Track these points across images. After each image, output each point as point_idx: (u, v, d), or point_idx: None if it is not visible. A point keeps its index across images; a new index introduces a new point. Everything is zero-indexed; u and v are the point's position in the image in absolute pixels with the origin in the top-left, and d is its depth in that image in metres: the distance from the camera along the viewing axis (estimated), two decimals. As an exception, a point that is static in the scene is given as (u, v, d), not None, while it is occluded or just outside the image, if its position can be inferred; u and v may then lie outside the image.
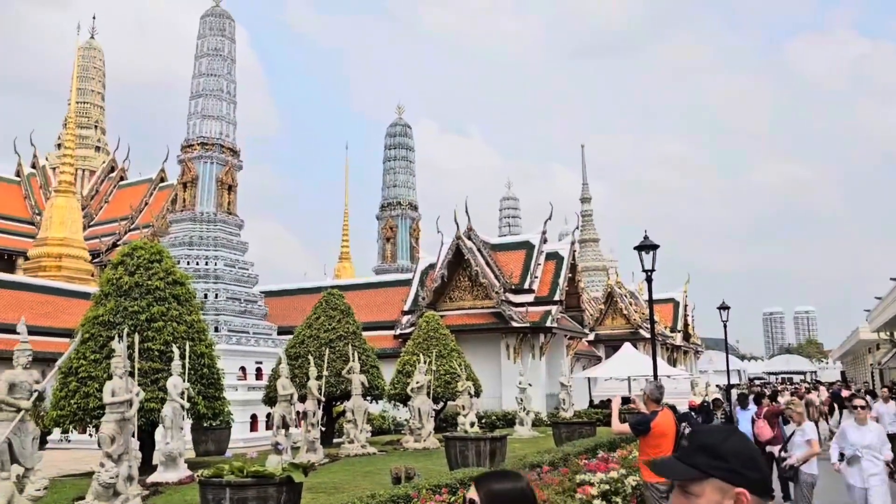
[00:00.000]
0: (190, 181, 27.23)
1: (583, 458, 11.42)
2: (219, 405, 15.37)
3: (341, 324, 21.09)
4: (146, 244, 15.32)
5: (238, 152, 28.14)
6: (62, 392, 13.64)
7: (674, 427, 7.32)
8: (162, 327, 14.20)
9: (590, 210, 59.21)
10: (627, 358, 31.50)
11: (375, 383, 20.84)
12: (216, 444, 19.04)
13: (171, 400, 13.03)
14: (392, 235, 47.16)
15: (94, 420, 13.33)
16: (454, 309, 31.41)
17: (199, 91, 27.80)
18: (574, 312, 34.76)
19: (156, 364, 13.81)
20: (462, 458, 11.65)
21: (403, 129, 49.31)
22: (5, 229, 47.15)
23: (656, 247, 14.86)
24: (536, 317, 30.05)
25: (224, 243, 26.69)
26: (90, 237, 46.04)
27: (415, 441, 19.13)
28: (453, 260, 31.72)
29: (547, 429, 24.77)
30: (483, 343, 30.26)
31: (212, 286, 25.44)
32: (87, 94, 54.09)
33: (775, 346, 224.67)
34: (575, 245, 34.59)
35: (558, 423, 18.22)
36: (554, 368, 31.67)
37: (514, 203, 59.31)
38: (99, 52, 56.09)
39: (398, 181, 48.07)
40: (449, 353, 23.60)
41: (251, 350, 25.15)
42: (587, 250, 56.47)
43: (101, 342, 13.77)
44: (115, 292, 14.40)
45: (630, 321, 42.30)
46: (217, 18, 28.61)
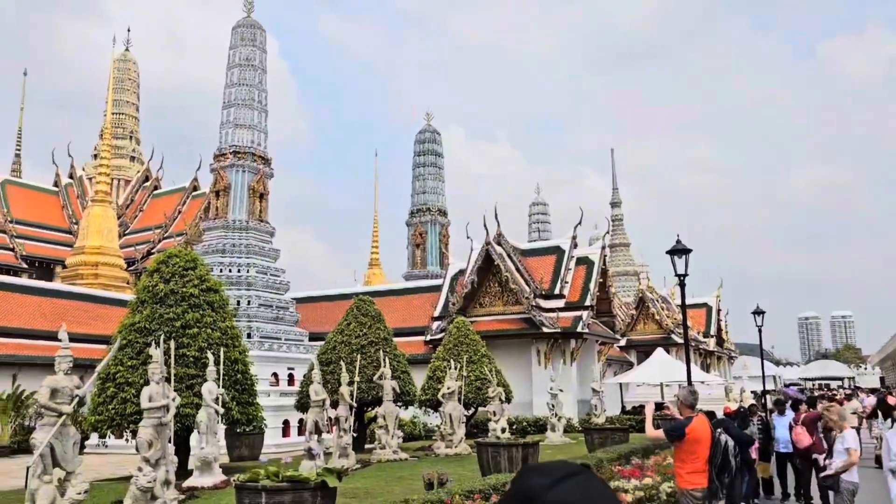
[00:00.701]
0: (222, 189, 27.60)
1: (616, 464, 11.32)
2: (252, 411, 15.53)
3: (372, 330, 21.18)
4: (181, 252, 15.56)
5: (269, 160, 28.46)
6: (100, 397, 13.90)
7: (709, 433, 7.22)
8: (196, 334, 14.40)
9: (620, 214, 58.81)
10: (660, 363, 31.13)
11: (406, 389, 20.88)
12: (250, 449, 19.24)
13: (206, 405, 13.20)
14: (421, 241, 47.28)
15: (131, 425, 13.55)
16: (484, 315, 31.37)
17: (231, 101, 28.19)
18: (605, 318, 34.49)
19: (191, 370, 14.00)
20: (494, 464, 11.62)
21: (432, 136, 49.46)
22: (44, 238, 48.22)
23: (689, 251, 14.69)
24: (567, 322, 29.88)
25: (256, 250, 26.99)
26: (125, 245, 46.88)
27: (446, 447, 19.11)
28: (483, 265, 31.69)
29: (579, 435, 24.59)
30: (513, 349, 30.16)
31: (244, 293, 25.73)
32: (123, 105, 55.16)
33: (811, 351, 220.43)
34: (605, 250, 34.34)
35: (590, 429, 18.08)
36: (585, 374, 31.44)
37: (544, 208, 59.10)
38: (134, 63, 57.21)
39: (427, 187, 48.20)
40: (479, 358, 23.56)
41: (283, 356, 25.37)
42: (618, 255, 56.05)
43: (137, 348, 14.02)
44: (151, 299, 14.64)
45: (662, 326, 41.86)
46: (248, 29, 29.02)
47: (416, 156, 49.20)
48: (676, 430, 7.13)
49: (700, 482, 6.80)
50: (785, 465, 12.91)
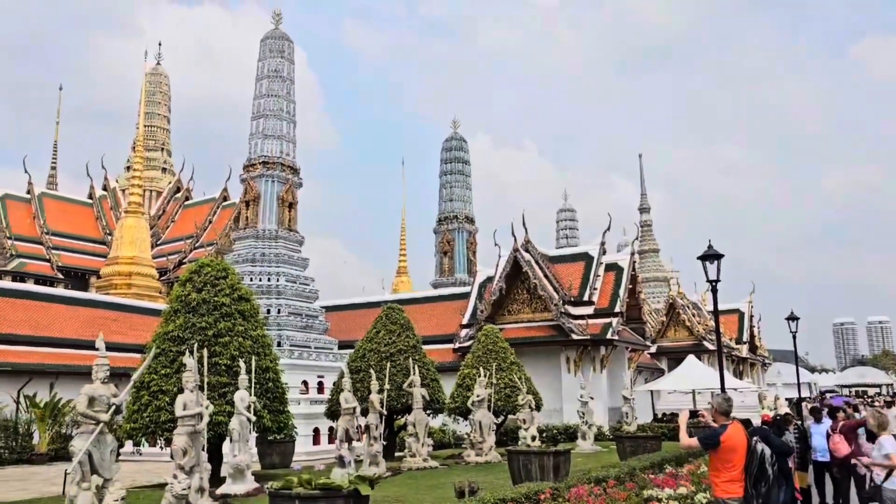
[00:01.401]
0: (252, 199, 27.93)
1: (649, 472, 11.19)
2: (283, 419, 15.64)
3: (401, 338, 21.23)
4: (213, 262, 15.76)
5: (298, 170, 28.74)
6: (135, 405, 14.10)
7: (745, 442, 7.09)
8: (228, 342, 14.56)
9: (649, 220, 58.29)
10: (691, 370, 30.76)
11: (436, 397, 20.88)
12: (281, 457, 19.37)
13: (239, 413, 13.32)
14: (449, 249, 47.33)
15: (165, 433, 13.73)
16: (513, 322, 31.28)
17: (260, 111, 28.55)
18: (635, 324, 34.18)
19: (223, 378, 14.15)
20: (525, 473, 11.56)
21: (459, 143, 49.56)
22: (79, 249, 49.18)
23: (721, 256, 14.51)
24: (597, 329, 29.67)
25: (286, 259, 27.24)
26: (158, 255, 47.64)
27: (476, 455, 19.07)
28: (511, 273, 31.61)
29: (610, 443, 24.36)
30: (543, 356, 30.01)
31: (274, 301, 25.97)
32: (154, 117, 56.17)
33: (847, 357, 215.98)
34: (634, 256, 34.06)
35: (622, 438, 17.91)
36: (615, 381, 31.15)
37: (572, 215, 58.83)
38: (165, 77, 58.24)
39: (454, 195, 48.27)
40: (508, 366, 23.48)
41: (313, 364, 25.53)
42: (647, 261, 55.54)
43: (171, 357, 14.21)
44: (184, 309, 14.84)
45: (693, 333, 41.36)
46: (276, 41, 29.39)
47: (443, 163, 49.33)
48: (711, 438, 7.02)
49: (736, 492, 6.68)
50: (822, 474, 12.65)
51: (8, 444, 22.53)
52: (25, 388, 24.55)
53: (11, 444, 22.61)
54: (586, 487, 9.36)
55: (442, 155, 49.60)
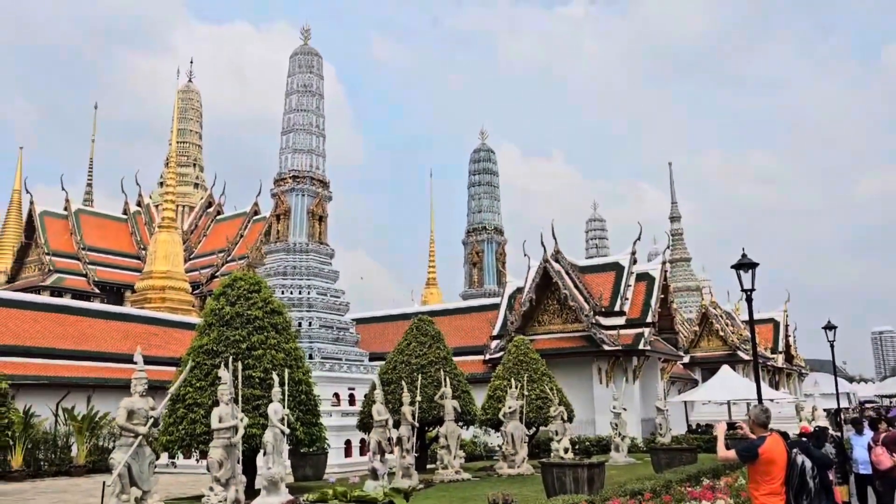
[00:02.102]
0: (283, 213, 28.22)
1: (686, 485, 11.03)
2: (316, 431, 15.71)
3: (432, 349, 21.23)
4: (245, 275, 15.93)
5: (327, 184, 28.99)
6: (171, 418, 14.26)
7: (784, 454, 6.96)
8: (262, 355, 14.68)
9: (680, 229, 57.71)
10: (726, 381, 30.28)
11: (467, 408, 20.82)
12: (314, 469, 19.45)
13: (272, 426, 13.40)
14: (478, 260, 47.30)
15: (201, 445, 13.86)
16: (543, 333, 31.11)
17: (290, 126, 28.88)
18: (667, 335, 33.79)
19: (256, 391, 14.26)
20: (559, 485, 11.46)
21: (487, 154, 49.60)
22: (114, 264, 50.09)
23: (755, 265, 14.32)
24: (628, 339, 29.38)
25: (316, 272, 27.44)
26: (190, 269, 48.33)
27: (508, 467, 18.95)
28: (541, 283, 31.48)
29: (644, 455, 24.06)
30: (574, 367, 29.79)
31: (305, 314, 26.15)
32: (186, 133, 57.13)
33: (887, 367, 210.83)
34: (666, 265, 33.72)
35: (657, 449, 17.68)
36: (648, 392, 30.79)
37: (601, 224, 58.46)
38: (196, 94, 59.26)
39: (483, 206, 48.27)
40: (540, 377, 23.35)
41: (344, 376, 25.62)
42: (678, 270, 54.94)
43: (205, 370, 14.36)
44: (218, 322, 15.01)
45: (727, 343, 40.75)
46: (305, 56, 29.76)
47: (471, 175, 49.39)
48: (749, 450, 6.91)
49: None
50: (865, 487, 12.35)
51: (47, 457, 22.91)
52: (64, 401, 24.99)
53: (51, 457, 23.00)
54: (622, 500, 9.26)
55: (470, 166, 49.68)
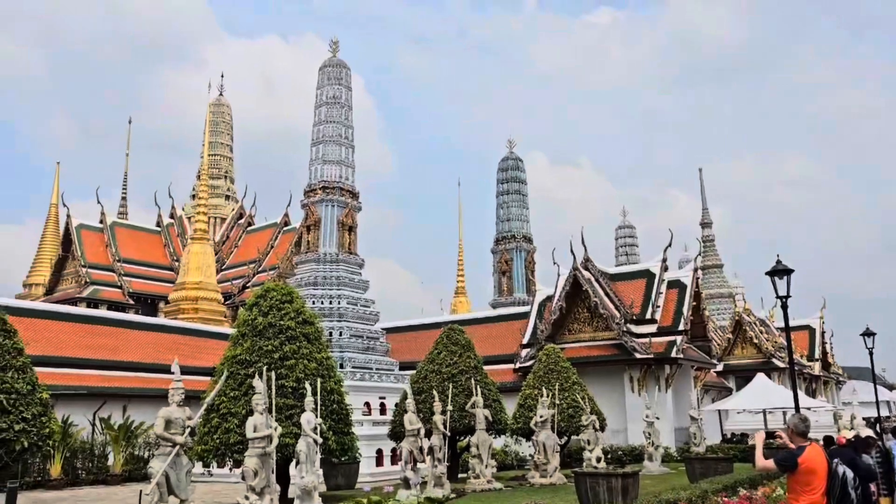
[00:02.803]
0: (313, 224, 28.47)
1: (722, 495, 10.86)
2: (348, 440, 15.76)
3: (462, 358, 21.22)
4: (278, 286, 16.09)
5: (357, 194, 29.20)
6: (205, 428, 14.41)
7: (825, 464, 6.83)
8: (294, 365, 14.80)
9: (711, 235, 57.03)
10: (761, 389, 29.80)
11: (498, 417, 20.76)
12: (346, 478, 19.52)
13: (305, 435, 13.49)
14: (507, 269, 47.21)
15: (235, 455, 14.00)
16: (573, 341, 30.93)
17: (319, 138, 29.17)
18: (700, 342, 33.37)
19: (289, 400, 14.37)
20: (593, 495, 11.37)
21: (515, 163, 49.55)
22: (148, 276, 50.94)
23: (790, 271, 14.11)
24: (660, 347, 29.07)
25: (346, 282, 27.60)
26: (222, 280, 48.95)
27: (540, 476, 18.85)
28: (571, 291, 31.31)
29: (678, 464, 23.75)
30: (605, 375, 29.55)
31: (336, 324, 26.30)
32: (218, 146, 57.99)
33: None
34: (698, 272, 33.35)
35: (692, 459, 17.45)
36: (681, 401, 30.41)
37: (631, 231, 57.97)
38: (227, 107, 60.17)
39: (511, 214, 48.20)
40: (571, 386, 23.20)
41: (374, 386, 25.70)
42: (711, 277, 54.25)
43: (239, 380, 14.51)
44: (251, 332, 15.17)
45: (761, 350, 40.10)
46: (334, 68, 30.06)
47: (499, 183, 49.37)
48: (788, 460, 6.79)
49: (817, 515, 6.43)
50: (908, 497, 12.04)
51: (84, 465, 23.32)
52: (100, 410, 25.44)
53: (88, 465, 23.40)
54: (657, 510, 9.16)
55: (498, 175, 49.66)
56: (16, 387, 10.37)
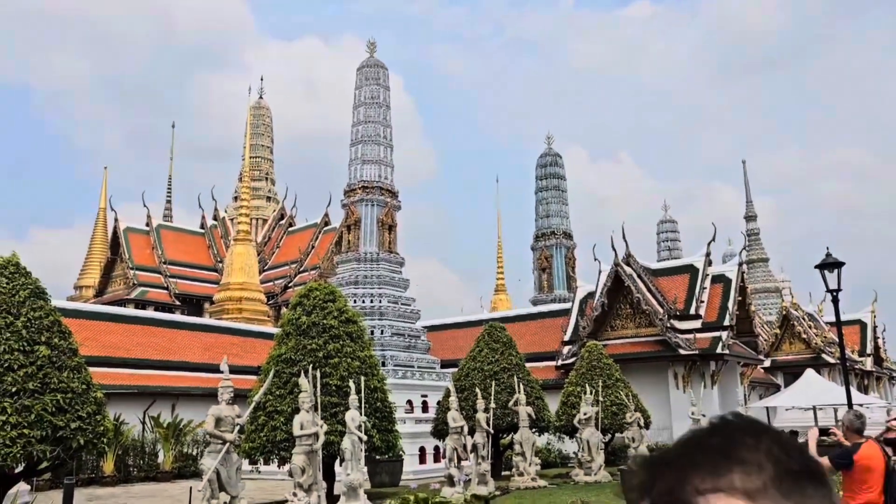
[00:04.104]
0: (353, 223, 28.70)
1: (773, 494, 10.64)
2: (392, 438, 15.87)
3: (504, 356, 21.19)
4: (321, 285, 16.28)
5: (396, 193, 29.34)
6: (252, 425, 14.66)
7: (882, 461, 6.65)
8: (338, 363, 14.95)
9: (756, 228, 55.89)
10: (810, 385, 29.09)
11: (541, 415, 20.68)
12: (390, 476, 19.66)
13: (350, 433, 13.63)
14: (547, 265, 46.93)
15: (281, 452, 14.21)
16: (616, 338, 30.63)
17: (358, 138, 29.38)
18: (746, 338, 32.74)
19: (333, 398, 14.53)
20: (639, 493, 11.23)
21: (554, 159, 49.21)
22: (194, 277, 51.91)
23: (841, 264, 13.75)
24: (705, 343, 28.61)
25: (387, 281, 27.77)
26: (265, 280, 49.62)
27: (585, 474, 18.73)
28: (612, 287, 31.01)
29: (725, 462, 23.33)
30: (649, 372, 29.19)
31: (377, 323, 26.48)
32: (258, 149, 58.79)
33: None
34: (743, 266, 32.72)
35: (739, 457, 17.09)
36: (728, 398, 29.90)
37: (673, 226, 57.10)
38: (267, 109, 60.97)
39: (551, 211, 47.88)
40: (614, 383, 22.99)
41: (416, 384, 25.81)
42: (756, 271, 53.18)
43: (284, 378, 14.72)
44: (295, 331, 15.37)
45: (810, 345, 39.16)
46: (372, 69, 30.25)
47: (538, 179, 49.08)
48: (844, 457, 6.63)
49: (875, 514, 6.27)
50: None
51: (136, 463, 23.89)
52: (150, 409, 26.04)
53: (139, 463, 23.97)
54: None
55: (537, 171, 49.37)
56: (71, 386, 10.67)
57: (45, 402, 10.22)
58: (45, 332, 10.88)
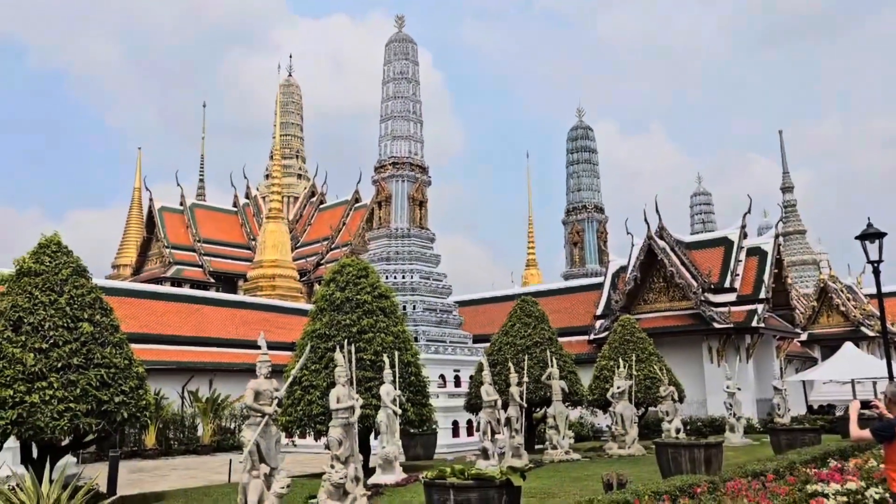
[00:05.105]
0: (384, 199, 28.78)
1: (811, 466, 10.55)
2: (426, 412, 16.02)
3: (537, 330, 21.20)
4: (353, 262, 16.38)
5: (426, 169, 29.31)
6: (288, 400, 14.90)
7: (926, 433, 6.53)
8: (372, 338, 15.09)
9: (793, 200, 54.80)
10: (849, 359, 28.61)
11: (574, 389, 20.70)
12: (424, 449, 19.89)
13: (385, 406, 13.80)
14: (579, 240, 46.65)
15: (317, 425, 14.44)
16: (649, 311, 30.42)
17: (388, 114, 29.34)
18: (783, 311, 32.30)
19: (368, 373, 14.69)
20: (675, 466, 11.22)
21: (585, 132, 48.67)
22: (228, 255, 52.63)
23: (882, 235, 13.46)
24: (740, 317, 28.29)
25: (418, 256, 27.86)
26: (297, 257, 50.12)
27: (618, 447, 18.75)
28: (645, 261, 30.74)
29: (760, 436, 23.22)
30: (683, 346, 28.99)
31: (409, 298, 26.62)
32: (289, 126, 59.04)
33: None
34: (779, 238, 32.17)
35: (777, 430, 16.98)
36: (763, 372, 29.60)
37: (707, 198, 56.22)
38: (296, 87, 61.10)
39: (582, 184, 47.47)
40: (647, 357, 22.89)
41: (449, 358, 25.98)
42: (793, 243, 52.24)
43: (319, 353, 14.91)
44: (329, 307, 15.52)
45: (849, 318, 38.48)
46: (400, 44, 30.09)
47: (569, 153, 48.63)
48: (886, 429, 6.53)
49: (918, 486, 6.18)
50: None
51: (176, 436, 24.51)
52: (188, 384, 26.61)
53: (179, 436, 24.58)
54: (744, 481, 8.97)
55: (568, 144, 48.91)
56: (114, 361, 10.93)
57: (89, 377, 10.49)
58: (87, 308, 11.14)
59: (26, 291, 10.84)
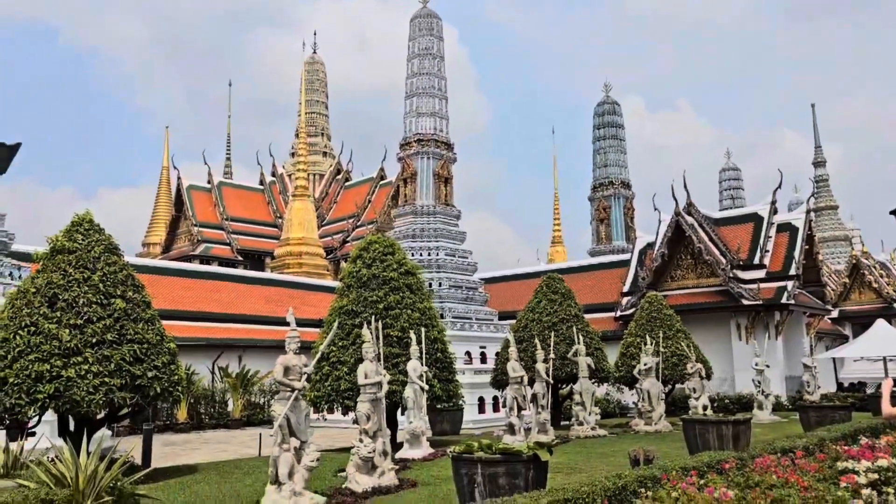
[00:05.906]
0: (409, 177, 28.77)
1: (841, 444, 10.44)
2: (453, 388, 16.15)
3: (563, 307, 21.16)
4: (380, 239, 16.46)
5: (452, 145, 29.20)
6: (316, 375, 15.10)
7: (960, 410, 6.46)
8: (398, 315, 15.19)
9: (825, 175, 53.75)
10: (881, 336, 28.15)
11: (601, 366, 20.68)
12: (451, 424, 20.05)
13: (412, 382, 13.92)
14: (605, 216, 46.27)
15: (345, 401, 14.62)
16: (676, 288, 30.18)
17: (413, 90, 29.22)
18: (813, 287, 31.84)
19: (394, 349, 14.81)
20: (702, 442, 11.20)
21: (612, 108, 48.06)
22: (255, 233, 53.09)
23: (918, 209, 13.14)
24: (770, 293, 27.95)
25: (444, 233, 27.87)
26: (323, 235, 50.42)
27: (645, 424, 18.75)
28: (673, 237, 30.44)
29: (789, 413, 23.07)
30: (711, 323, 28.76)
31: (435, 275, 26.70)
32: (314, 104, 59.10)
33: None
34: (810, 214, 31.62)
35: (806, 407, 16.83)
36: (792, 349, 29.29)
37: (736, 174, 55.31)
38: (321, 64, 61.06)
39: (609, 160, 46.98)
40: (675, 334, 22.77)
41: (475, 335, 26.06)
42: (824, 219, 51.34)
43: (347, 329, 15.06)
44: (356, 284, 15.64)
45: (881, 295, 37.86)
46: (425, 19, 29.86)
47: (595, 129, 48.09)
48: (920, 406, 6.48)
49: (953, 463, 6.12)
50: None
51: (207, 411, 24.96)
52: (218, 360, 27.03)
53: (210, 411, 25.03)
54: (772, 458, 8.92)
55: (594, 120, 48.35)
56: (146, 337, 11.15)
57: (123, 353, 10.71)
58: (119, 285, 11.35)
59: (60, 269, 11.06)
